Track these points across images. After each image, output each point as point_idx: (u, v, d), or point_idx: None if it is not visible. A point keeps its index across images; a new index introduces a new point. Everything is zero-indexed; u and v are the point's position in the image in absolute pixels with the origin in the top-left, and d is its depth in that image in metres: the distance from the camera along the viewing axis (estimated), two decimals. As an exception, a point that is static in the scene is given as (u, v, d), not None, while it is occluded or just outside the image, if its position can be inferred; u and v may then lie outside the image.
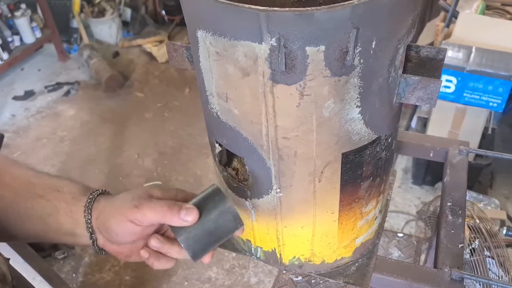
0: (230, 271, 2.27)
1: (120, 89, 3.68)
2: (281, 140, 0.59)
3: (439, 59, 0.66)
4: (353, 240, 0.77)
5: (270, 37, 0.48)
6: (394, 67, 0.57)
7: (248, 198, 0.70)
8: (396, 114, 0.67)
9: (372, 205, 0.75)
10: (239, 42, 0.50)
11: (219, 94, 0.59)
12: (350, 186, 0.67)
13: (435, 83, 0.59)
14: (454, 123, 2.24)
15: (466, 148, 1.08)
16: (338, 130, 0.58)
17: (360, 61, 0.52)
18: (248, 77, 0.53)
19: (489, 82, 2.00)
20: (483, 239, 1.53)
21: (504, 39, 1.99)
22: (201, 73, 0.60)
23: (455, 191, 0.99)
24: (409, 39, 0.59)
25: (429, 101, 0.61)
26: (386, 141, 0.66)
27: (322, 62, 0.50)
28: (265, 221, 0.72)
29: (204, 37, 0.54)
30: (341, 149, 0.61)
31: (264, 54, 0.50)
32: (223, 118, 0.62)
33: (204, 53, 0.56)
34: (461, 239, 0.88)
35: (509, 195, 2.53)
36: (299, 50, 0.49)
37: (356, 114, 0.58)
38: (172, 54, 0.68)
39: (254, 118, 0.58)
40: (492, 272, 1.47)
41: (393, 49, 0.55)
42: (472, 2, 2.27)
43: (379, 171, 0.70)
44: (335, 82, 0.53)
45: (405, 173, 2.71)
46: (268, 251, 0.78)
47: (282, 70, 0.51)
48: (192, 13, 0.55)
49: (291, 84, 0.52)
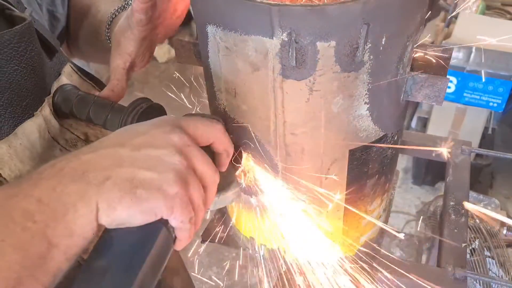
0: (230, 271, 2.27)
1: (119, 89, 3.67)
2: (289, 136, 0.59)
3: (446, 58, 0.66)
4: (357, 238, 0.77)
5: (282, 32, 0.48)
6: (403, 64, 0.57)
7: (254, 195, 0.70)
8: (403, 112, 0.67)
9: (377, 203, 0.75)
10: (250, 37, 0.50)
11: (228, 90, 0.59)
12: (356, 183, 0.67)
13: (442, 81, 0.59)
14: (454, 123, 2.25)
15: (468, 148, 1.08)
16: (346, 126, 0.58)
17: (369, 57, 0.52)
18: (257, 72, 0.53)
19: (489, 82, 2.01)
20: (483, 239, 1.54)
21: (504, 39, 1.99)
22: (210, 69, 0.60)
23: (457, 190, 0.99)
24: (418, 37, 0.59)
25: (436, 99, 0.61)
26: (392, 138, 0.67)
27: (332, 57, 0.50)
28: (270, 218, 0.72)
29: (214, 32, 0.54)
30: (348, 146, 0.61)
31: (275, 49, 0.50)
32: (231, 114, 0.62)
33: (213, 48, 0.56)
34: (464, 238, 0.88)
35: (509, 195, 2.53)
36: (310, 45, 0.49)
37: (364, 111, 0.58)
38: (179, 50, 0.68)
39: (263, 114, 0.58)
40: (492, 272, 1.47)
41: (402, 46, 0.55)
42: (472, 2, 2.28)
43: (384, 169, 0.70)
44: (345, 78, 0.53)
45: (405, 173, 2.71)
46: (272, 249, 0.78)
47: (293, 65, 0.51)
48: (201, 8, 0.55)
49: (301, 79, 0.52)
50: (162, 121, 0.51)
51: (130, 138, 0.48)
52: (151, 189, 0.45)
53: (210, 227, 0.87)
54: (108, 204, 0.44)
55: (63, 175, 0.44)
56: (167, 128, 0.49)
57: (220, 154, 0.56)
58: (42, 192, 0.43)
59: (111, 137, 0.50)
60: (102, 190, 0.44)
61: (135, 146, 0.47)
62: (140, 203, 0.44)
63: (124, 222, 0.45)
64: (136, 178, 0.45)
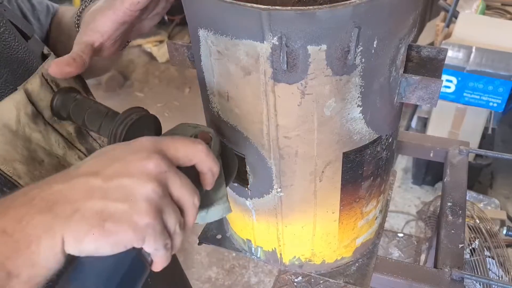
0: (230, 271, 2.27)
1: (120, 89, 3.68)
2: (282, 139, 0.59)
3: (440, 59, 0.66)
4: (354, 240, 0.77)
5: (272, 36, 0.48)
6: (395, 66, 0.57)
7: (249, 198, 0.71)
8: (397, 114, 0.67)
9: (373, 205, 0.75)
10: (240, 41, 0.50)
11: (220, 93, 0.59)
12: (351, 185, 0.67)
13: (436, 82, 0.59)
14: (454, 123, 2.24)
15: (466, 148, 1.08)
16: (339, 129, 0.58)
17: (361, 61, 0.52)
18: (249, 76, 0.53)
19: (489, 82, 2.01)
20: (483, 239, 1.53)
21: (504, 39, 1.99)
22: (202, 72, 0.60)
23: (455, 191, 0.99)
24: (410, 39, 0.59)
25: (430, 101, 0.61)
26: (387, 140, 0.67)
27: (323, 61, 0.50)
28: (266, 220, 0.72)
29: (205, 36, 0.54)
30: (342, 148, 0.61)
31: (265, 53, 0.50)
32: (224, 118, 0.62)
33: (205, 52, 0.56)
34: (461, 239, 0.88)
35: (509, 195, 2.53)
36: (301, 49, 0.49)
37: (357, 114, 0.58)
38: (173, 53, 0.68)
39: (255, 117, 0.58)
40: (492, 272, 1.47)
41: (394, 48, 0.55)
42: (472, 2, 2.28)
43: (379, 171, 0.70)
44: (337, 81, 0.53)
45: (405, 173, 2.71)
46: (268, 251, 0.78)
47: (284, 69, 0.51)
48: (193, 12, 0.55)
49: (293, 83, 0.52)
50: (140, 145, 0.50)
51: (105, 165, 0.47)
52: (120, 222, 0.44)
53: (206, 229, 0.88)
54: (74, 237, 0.43)
55: (32, 206, 0.44)
56: (144, 154, 0.48)
57: (205, 173, 0.55)
58: (8, 223, 0.43)
59: (86, 163, 0.49)
60: (69, 223, 0.43)
61: (108, 176, 0.46)
62: (108, 236, 0.44)
63: (92, 253, 0.44)
64: (106, 211, 0.44)
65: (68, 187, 0.45)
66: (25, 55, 0.64)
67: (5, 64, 0.61)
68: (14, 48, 0.62)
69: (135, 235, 0.45)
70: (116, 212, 0.44)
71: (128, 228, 0.44)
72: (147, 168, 0.47)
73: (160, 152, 0.49)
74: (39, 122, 0.64)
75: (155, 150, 0.49)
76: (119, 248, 0.45)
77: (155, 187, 0.46)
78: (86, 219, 0.43)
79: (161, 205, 0.47)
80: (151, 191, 0.46)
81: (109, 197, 0.45)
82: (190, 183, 0.50)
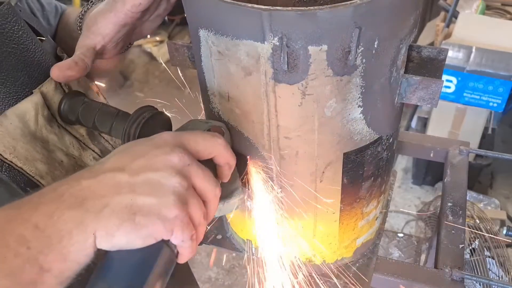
0: (230, 271, 2.27)
1: (120, 89, 3.68)
2: (282, 140, 0.59)
3: (441, 59, 0.66)
4: (354, 240, 0.77)
5: (273, 36, 0.48)
6: (396, 67, 0.57)
7: (249, 198, 0.70)
8: (398, 114, 0.67)
9: (373, 205, 0.75)
10: (241, 42, 0.50)
11: (221, 94, 0.59)
12: (351, 186, 0.67)
13: (436, 83, 0.59)
14: (454, 123, 2.24)
15: (466, 148, 1.08)
16: (340, 130, 0.58)
17: (362, 61, 0.52)
18: (250, 77, 0.53)
19: (489, 82, 2.01)
20: (483, 239, 1.54)
21: (504, 39, 1.99)
22: (203, 73, 0.60)
23: (455, 191, 0.99)
24: (411, 39, 0.58)
25: (431, 101, 0.61)
26: (388, 141, 0.66)
27: (324, 61, 0.50)
28: (266, 221, 0.72)
29: (206, 36, 0.54)
30: (342, 149, 0.61)
31: (266, 53, 0.50)
32: (224, 118, 0.62)
33: (206, 52, 0.56)
34: (461, 239, 0.88)
35: (509, 195, 2.53)
36: (302, 49, 0.49)
37: (358, 114, 0.58)
38: (174, 53, 0.68)
39: (256, 117, 0.58)
40: (492, 272, 1.47)
41: (395, 49, 0.55)
42: (472, 2, 2.28)
43: (380, 171, 0.70)
44: (337, 82, 0.53)
45: (405, 173, 2.71)
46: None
47: (284, 70, 0.51)
48: (194, 12, 0.55)
49: (293, 83, 0.52)
50: (162, 140, 0.51)
51: (130, 161, 0.48)
52: (150, 215, 0.45)
53: (207, 229, 0.88)
54: (106, 232, 0.44)
55: (62, 201, 0.45)
56: (167, 148, 0.49)
57: (222, 166, 0.56)
58: (39, 218, 0.43)
59: (111, 159, 0.50)
60: (100, 218, 0.44)
61: (134, 171, 0.47)
62: (138, 230, 0.45)
63: (124, 246, 0.45)
64: (135, 204, 0.45)
65: (96, 182, 0.46)
66: (41, 57, 0.64)
67: (23, 67, 0.61)
68: (32, 51, 0.62)
69: (165, 227, 0.46)
70: (144, 206, 0.45)
71: (157, 221, 0.45)
72: (172, 162, 0.48)
73: (181, 146, 0.50)
74: (54, 125, 0.65)
75: (177, 144, 0.50)
76: (150, 241, 0.45)
77: (180, 180, 0.48)
78: (116, 213, 0.44)
79: (186, 197, 0.48)
80: (177, 184, 0.47)
81: (137, 191, 0.46)
82: (212, 175, 0.52)
